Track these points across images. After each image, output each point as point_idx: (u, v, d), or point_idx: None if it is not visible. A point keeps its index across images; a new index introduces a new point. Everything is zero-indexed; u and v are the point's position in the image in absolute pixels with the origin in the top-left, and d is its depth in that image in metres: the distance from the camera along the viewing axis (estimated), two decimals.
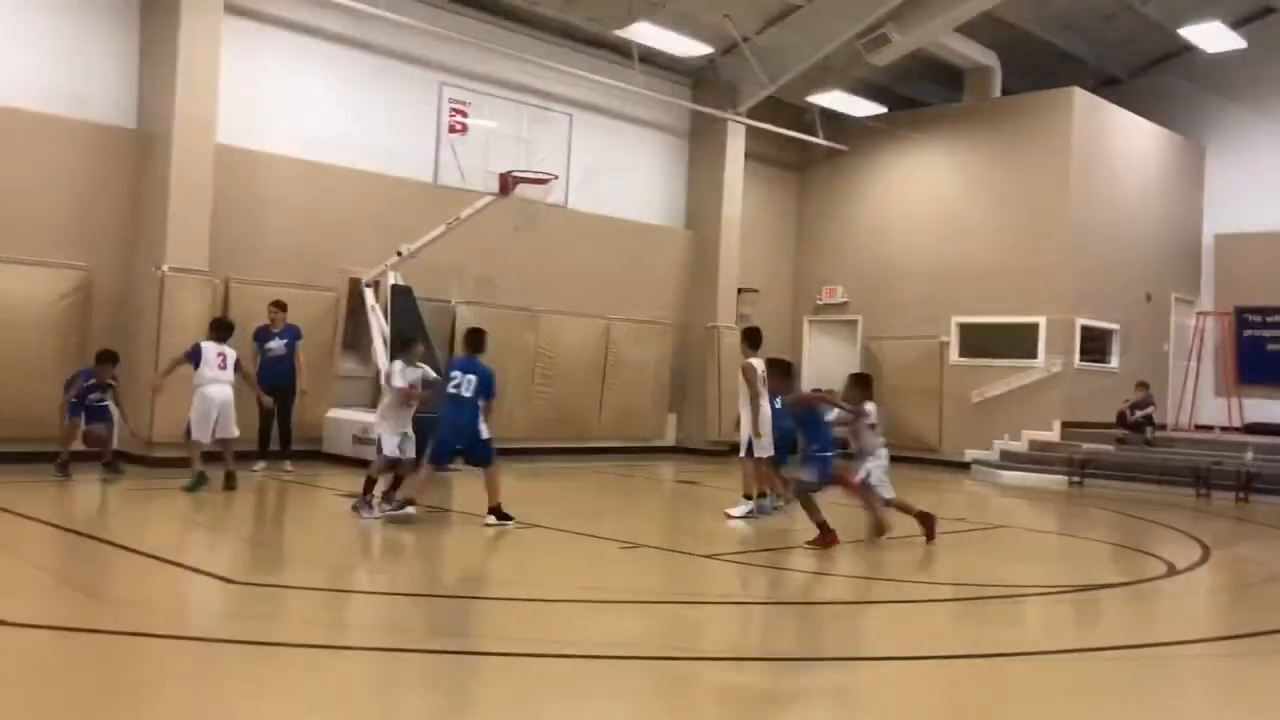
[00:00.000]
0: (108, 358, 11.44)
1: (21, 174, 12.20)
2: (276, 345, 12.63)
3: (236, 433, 11.13)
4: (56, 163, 12.49)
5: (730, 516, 10.75)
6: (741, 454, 10.90)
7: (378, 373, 14.32)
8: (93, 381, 11.36)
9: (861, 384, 10.01)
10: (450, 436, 9.67)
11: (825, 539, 9.16)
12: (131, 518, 9.57)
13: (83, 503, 10.09)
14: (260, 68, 14.02)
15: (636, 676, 5.19)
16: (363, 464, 13.53)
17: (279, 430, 12.79)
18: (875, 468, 9.68)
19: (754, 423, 10.67)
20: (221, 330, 11.21)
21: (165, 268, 12.56)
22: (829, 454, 9.50)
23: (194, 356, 10.92)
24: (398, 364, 10.15)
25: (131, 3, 13.17)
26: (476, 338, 10.09)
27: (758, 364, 10.73)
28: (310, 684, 4.85)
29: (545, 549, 8.87)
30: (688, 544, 9.64)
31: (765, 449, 10.73)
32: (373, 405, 14.53)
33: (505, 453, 15.46)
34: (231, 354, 11.08)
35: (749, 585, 7.92)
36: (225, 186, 13.20)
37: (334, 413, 14.39)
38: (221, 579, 6.91)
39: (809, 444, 9.45)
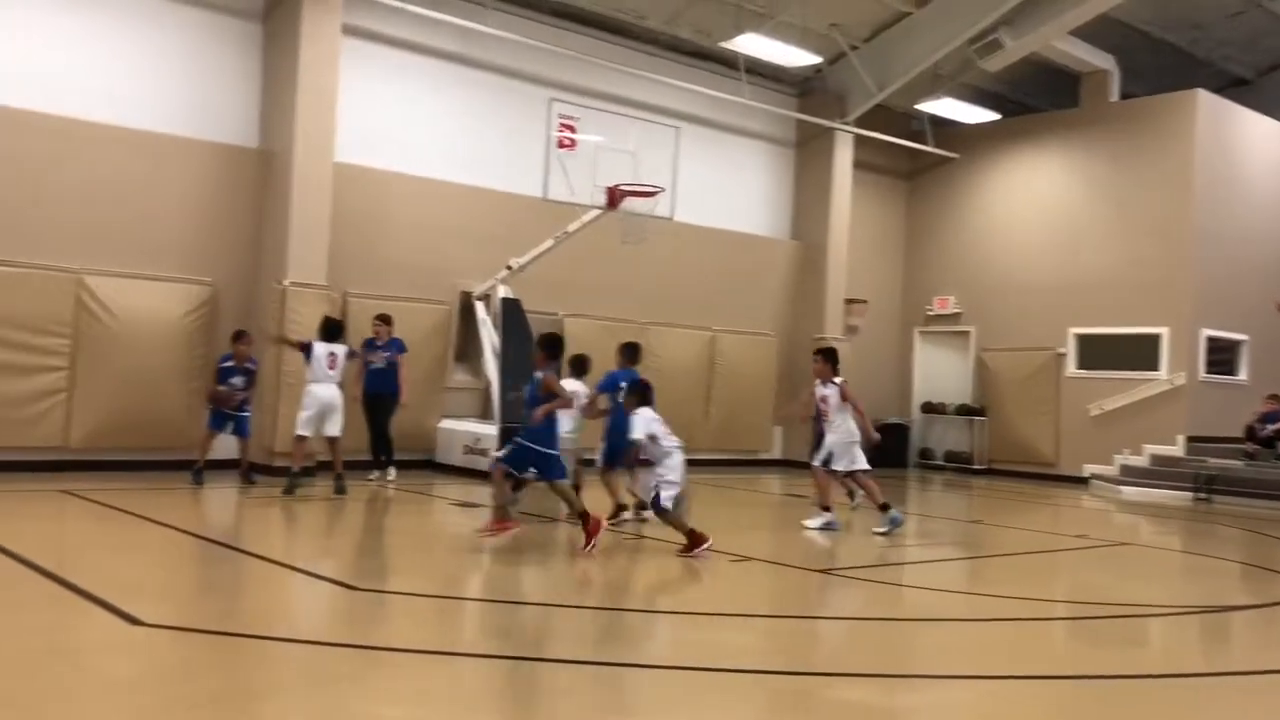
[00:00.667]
0: (241, 336, 11.90)
1: (153, 194, 12.75)
2: (380, 358, 12.92)
3: (338, 433, 11.43)
4: (185, 183, 13.03)
5: (806, 528, 10.79)
6: (816, 464, 11.02)
7: (488, 385, 14.57)
8: (230, 363, 11.78)
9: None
10: (621, 443, 9.88)
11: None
12: (257, 524, 9.89)
13: (213, 510, 10.46)
14: (376, 87, 14.42)
15: (749, 691, 5.16)
16: (473, 474, 13.80)
17: (382, 441, 13.03)
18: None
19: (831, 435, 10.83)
20: (332, 331, 11.54)
21: (286, 282, 12.98)
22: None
23: (306, 352, 11.32)
24: (578, 383, 10.36)
25: (255, 29, 13.69)
26: (633, 350, 10.30)
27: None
28: (429, 690, 4.94)
29: (654, 561, 8.88)
30: (799, 558, 9.56)
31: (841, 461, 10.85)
32: (483, 416, 14.83)
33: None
34: (342, 352, 11.43)
35: (863, 601, 7.81)
36: (343, 203, 13.60)
37: (445, 423, 14.67)
38: (344, 585, 7.08)
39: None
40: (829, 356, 11.09)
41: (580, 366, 10.82)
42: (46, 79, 12.13)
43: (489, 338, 14.55)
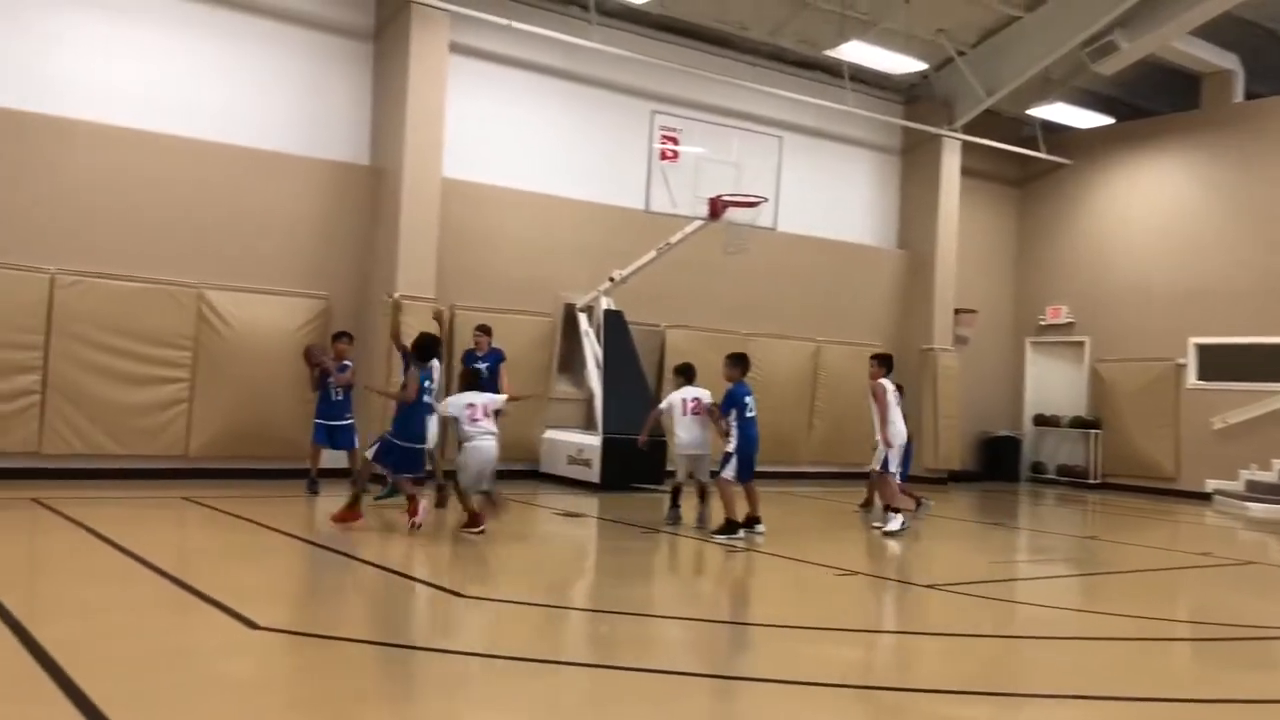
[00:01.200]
0: (341, 337, 12.05)
1: (269, 211, 13.18)
2: (481, 369, 13.05)
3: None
4: (300, 199, 13.43)
5: (885, 532, 11.00)
6: (877, 468, 11.41)
7: (591, 396, 14.68)
8: (328, 362, 11.81)
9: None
10: (755, 453, 10.14)
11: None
12: (366, 531, 10.12)
13: (325, 517, 10.71)
14: (482, 103, 14.68)
15: (854, 707, 5.07)
16: (577, 484, 13.90)
17: None
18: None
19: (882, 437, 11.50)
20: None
21: (396, 295, 13.26)
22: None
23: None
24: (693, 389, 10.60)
25: (366, 48, 14.06)
26: (743, 361, 10.48)
27: (888, 384, 11.66)
28: (536, 697, 4.98)
29: (757, 574, 8.82)
30: (905, 572, 9.39)
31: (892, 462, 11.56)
32: (586, 427, 14.94)
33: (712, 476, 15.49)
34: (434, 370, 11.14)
35: (972, 616, 7.62)
36: (450, 217, 13.86)
37: (549, 433, 14.80)
38: (451, 592, 7.19)
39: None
40: (883, 361, 11.91)
41: (688, 375, 10.84)
42: (170, 102, 12.64)
43: (592, 349, 14.67)
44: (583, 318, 14.91)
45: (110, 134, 12.16)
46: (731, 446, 10.17)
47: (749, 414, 10.22)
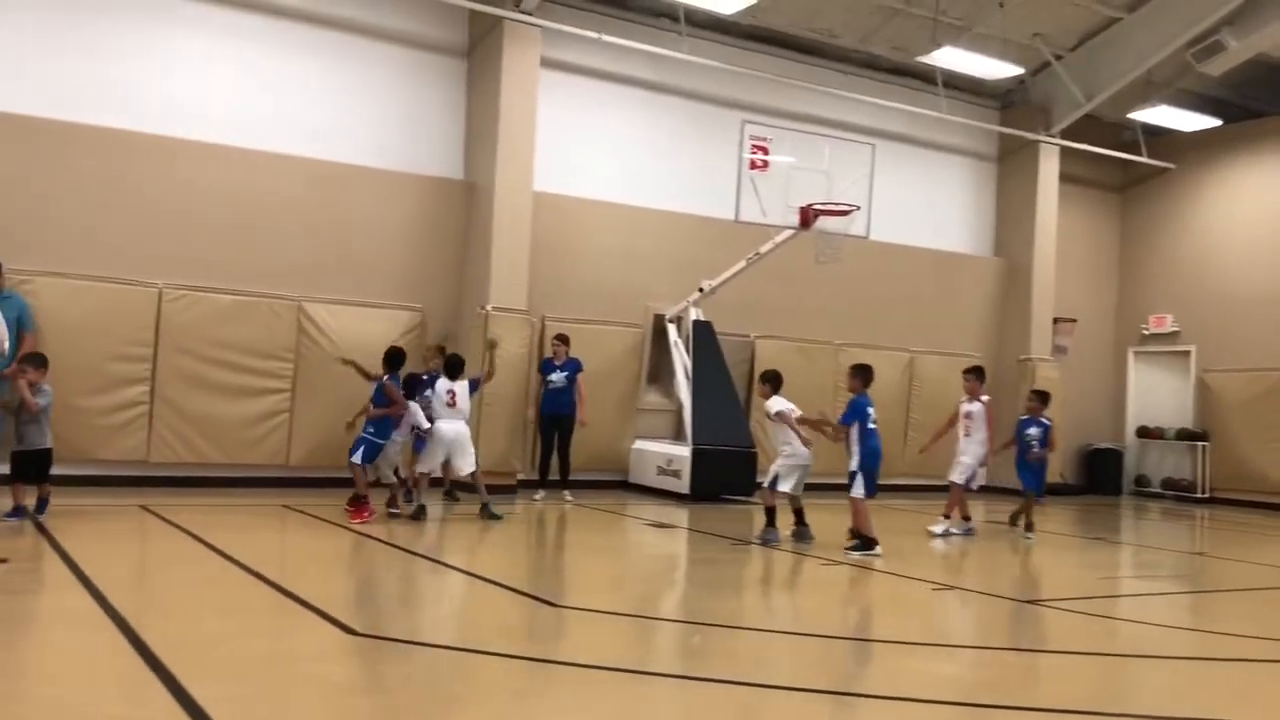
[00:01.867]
0: (440, 352, 12.26)
1: (366, 225, 13.45)
2: (558, 378, 13.11)
3: (470, 469, 11.04)
4: (396, 214, 13.69)
5: (940, 535, 11.41)
6: (960, 481, 11.73)
7: (680, 406, 14.66)
8: (425, 376, 11.74)
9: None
10: (880, 466, 10.09)
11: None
12: (458, 540, 10.24)
13: (416, 526, 10.85)
14: (571, 116, 14.81)
15: None
16: (666, 494, 13.88)
17: (559, 460, 13.15)
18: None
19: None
20: (453, 368, 11.16)
21: (489, 307, 13.44)
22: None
23: (409, 388, 11.10)
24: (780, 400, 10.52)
25: (459, 65, 14.30)
26: (867, 373, 10.35)
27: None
28: (627, 709, 4.97)
29: (853, 587, 8.69)
30: (1004, 588, 9.16)
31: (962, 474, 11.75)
32: (676, 437, 14.92)
33: (809, 488, 15.35)
34: (462, 388, 11.00)
35: (1074, 633, 7.39)
36: (541, 230, 13.99)
37: (638, 444, 14.82)
38: (544, 601, 7.22)
39: None
40: (979, 374, 11.99)
41: (777, 382, 10.74)
42: (271, 120, 13.01)
43: (681, 360, 14.66)
44: (672, 328, 14.91)
45: (213, 152, 12.55)
46: (855, 463, 9.92)
47: (871, 425, 10.01)
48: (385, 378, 10.55)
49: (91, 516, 9.96)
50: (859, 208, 13.48)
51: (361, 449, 10.48)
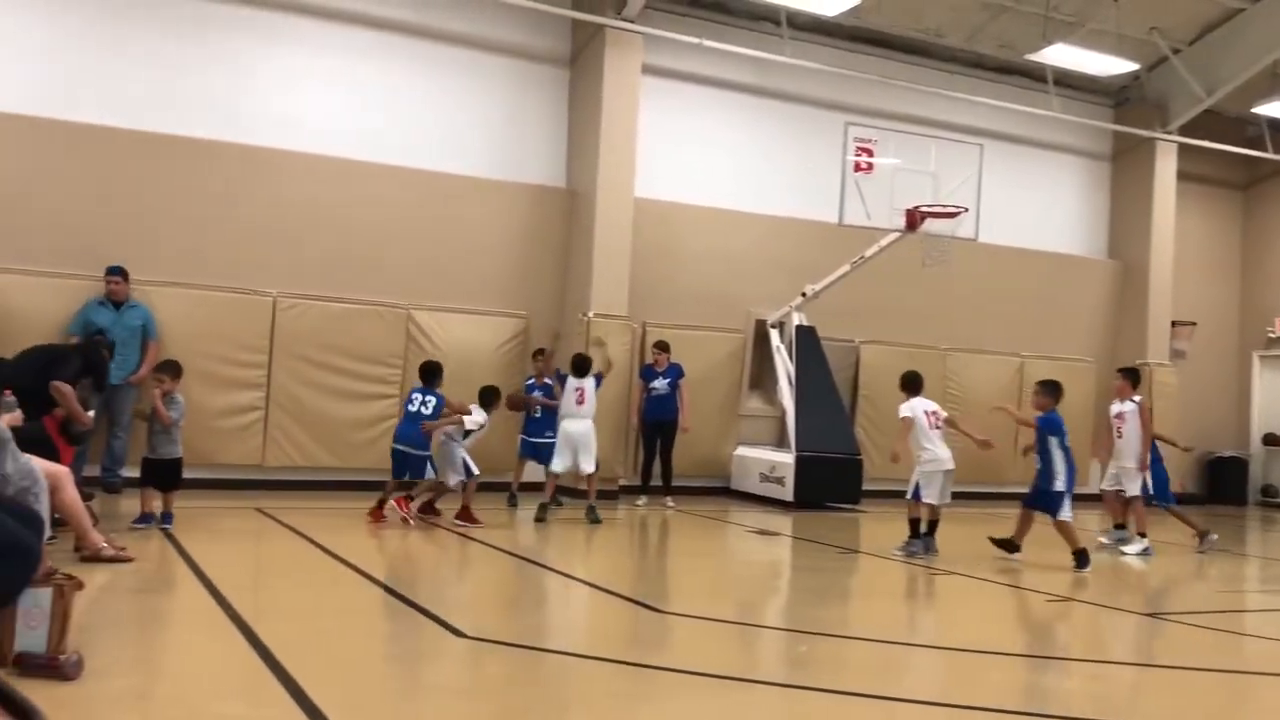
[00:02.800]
0: (540, 354, 12.53)
1: (472, 234, 13.65)
2: (661, 384, 13.10)
3: (592, 469, 11.20)
4: (500, 223, 13.86)
5: (1139, 553, 10.83)
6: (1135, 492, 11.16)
7: (783, 412, 14.53)
8: (531, 380, 12.33)
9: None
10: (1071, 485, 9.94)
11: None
12: (564, 545, 10.31)
13: (525, 530, 10.96)
14: (673, 122, 14.81)
15: None
16: (770, 502, 13.75)
17: (661, 467, 13.13)
18: None
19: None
20: (580, 366, 11.20)
21: (590, 314, 13.52)
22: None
23: (546, 391, 11.54)
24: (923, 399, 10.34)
25: (562, 74, 14.42)
26: (1058, 390, 10.16)
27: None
28: (728, 714, 4.93)
29: (965, 598, 8.49)
30: (1125, 600, 8.85)
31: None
32: (779, 444, 14.78)
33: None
34: (590, 386, 11.11)
35: (1197, 649, 7.10)
36: (642, 236, 14.01)
37: (741, 450, 14.73)
38: (647, 606, 7.22)
39: None
40: (1129, 375, 11.64)
41: (916, 386, 10.46)
42: (379, 132, 13.29)
43: (784, 365, 14.53)
44: (774, 333, 14.79)
45: (325, 165, 12.88)
46: (1061, 483, 9.70)
47: (1067, 442, 9.83)
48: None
49: (211, 519, 10.29)
50: (967, 209, 13.18)
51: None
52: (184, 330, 11.91)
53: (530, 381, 12.46)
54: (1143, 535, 10.97)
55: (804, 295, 14.33)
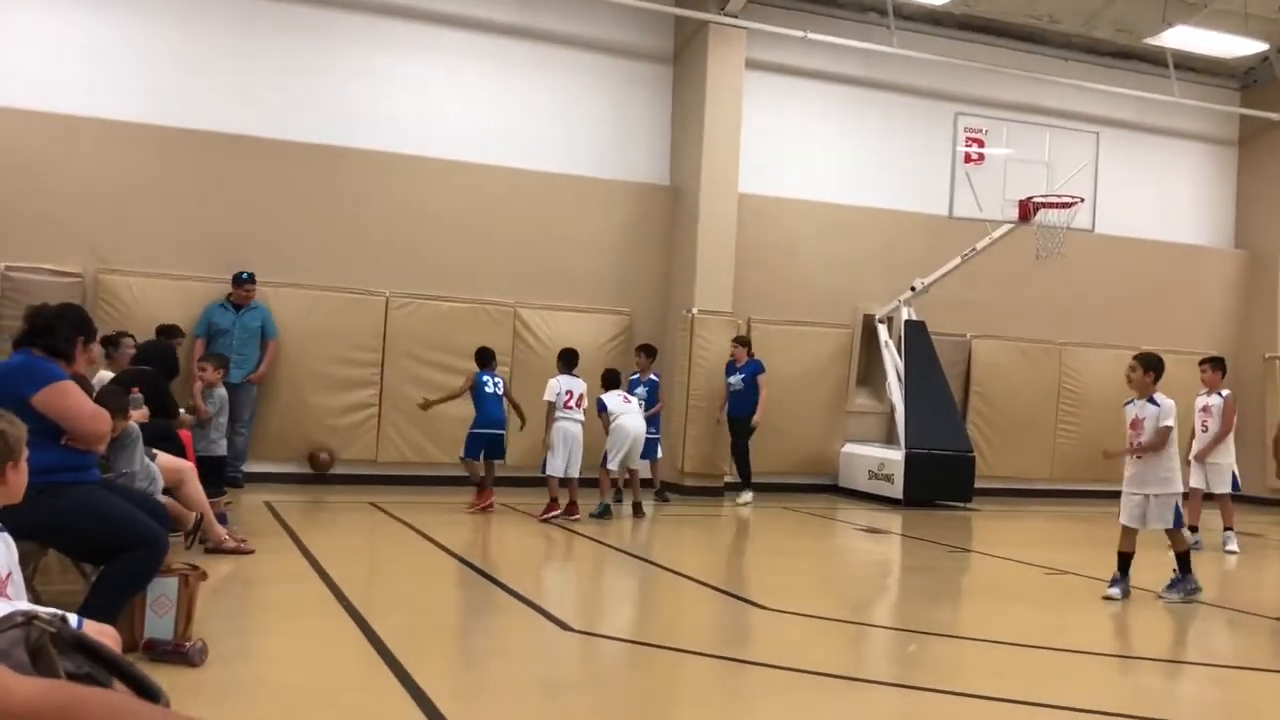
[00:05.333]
0: (646, 350, 12.61)
1: (576, 232, 13.74)
2: (736, 380, 12.97)
3: (640, 465, 11.31)
4: (604, 221, 13.92)
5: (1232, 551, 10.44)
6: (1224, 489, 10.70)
7: (892, 409, 14.30)
8: (635, 376, 12.43)
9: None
10: None
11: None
12: (670, 541, 10.32)
13: (628, 526, 11.01)
14: (777, 116, 14.67)
15: None
16: (878, 499, 13.54)
17: (736, 462, 13.01)
18: None
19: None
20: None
21: (694, 310, 13.50)
22: None
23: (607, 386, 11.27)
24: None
25: (665, 71, 14.43)
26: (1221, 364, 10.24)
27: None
28: (837, 714, 4.87)
29: (1079, 599, 8.23)
30: (1249, 604, 8.47)
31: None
32: (887, 441, 14.55)
33: (1030, 495, 14.73)
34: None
35: None
36: (745, 231, 13.93)
37: (848, 448, 14.54)
38: (754, 604, 7.18)
39: None
40: (1217, 365, 10.97)
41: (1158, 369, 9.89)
42: (486, 133, 13.45)
43: (892, 361, 14.30)
44: (882, 329, 14.57)
45: (434, 167, 13.11)
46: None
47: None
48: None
49: (328, 512, 10.59)
50: (1083, 200, 12.79)
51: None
52: (301, 329, 12.28)
53: (635, 377, 12.51)
54: (1232, 529, 10.65)
55: (913, 289, 14.08)
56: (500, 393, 11.01)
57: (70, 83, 11.86)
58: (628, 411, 11.07)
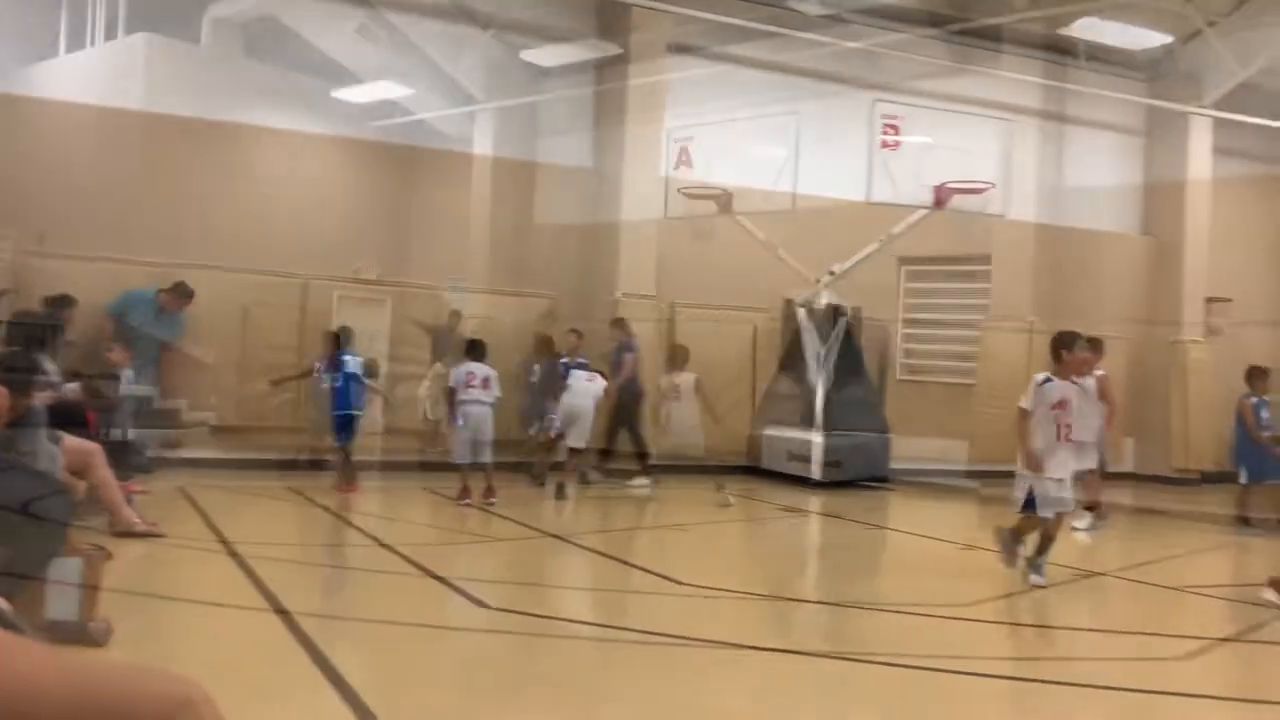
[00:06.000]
0: (575, 331, 12.61)
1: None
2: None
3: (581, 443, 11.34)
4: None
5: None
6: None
7: (811, 392, 14.45)
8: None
9: None
10: None
11: None
12: (589, 520, 10.35)
13: (551, 507, 10.99)
14: (699, 103, 14.75)
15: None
16: (800, 480, 13.68)
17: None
18: None
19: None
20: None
21: (618, 294, 13.59)
22: None
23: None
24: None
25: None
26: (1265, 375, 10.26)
27: None
28: (764, 686, 4.95)
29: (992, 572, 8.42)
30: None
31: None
32: (808, 423, 14.71)
33: (949, 474, 14.91)
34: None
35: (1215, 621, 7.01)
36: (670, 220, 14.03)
37: (769, 430, 14.68)
38: (671, 580, 7.24)
39: None
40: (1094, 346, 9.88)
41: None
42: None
43: (812, 345, 14.47)
44: (802, 313, 14.72)
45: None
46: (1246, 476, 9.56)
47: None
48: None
49: (245, 496, 10.42)
50: (993, 185, 13.10)
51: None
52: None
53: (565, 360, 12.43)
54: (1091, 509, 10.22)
55: (831, 274, 14.26)
56: (360, 374, 10.77)
57: None
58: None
